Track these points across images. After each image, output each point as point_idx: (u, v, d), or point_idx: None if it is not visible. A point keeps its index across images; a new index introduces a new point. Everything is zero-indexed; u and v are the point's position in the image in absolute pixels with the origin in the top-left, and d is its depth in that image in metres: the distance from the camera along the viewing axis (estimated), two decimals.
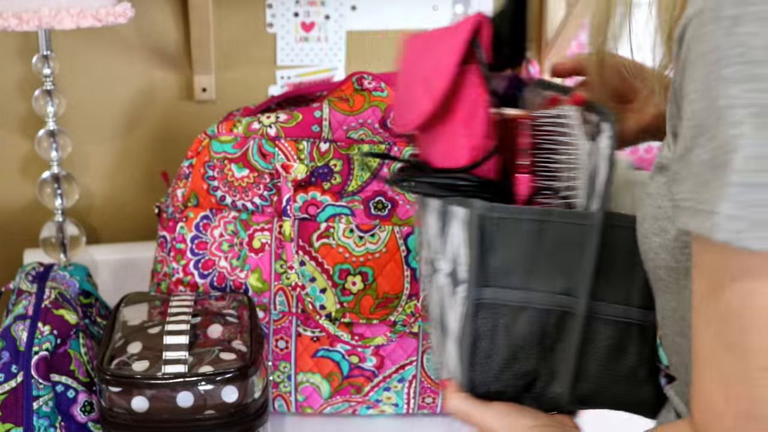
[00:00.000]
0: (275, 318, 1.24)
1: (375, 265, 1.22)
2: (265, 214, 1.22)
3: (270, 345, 1.24)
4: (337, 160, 1.21)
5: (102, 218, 1.55)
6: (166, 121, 1.53)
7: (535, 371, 0.83)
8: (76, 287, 1.22)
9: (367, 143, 1.21)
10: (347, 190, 1.22)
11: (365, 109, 1.21)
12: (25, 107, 1.45)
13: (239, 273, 1.23)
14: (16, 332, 1.08)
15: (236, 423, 1.07)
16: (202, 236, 1.22)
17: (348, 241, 1.22)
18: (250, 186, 1.21)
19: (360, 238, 1.22)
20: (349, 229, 1.22)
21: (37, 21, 1.20)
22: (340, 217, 1.22)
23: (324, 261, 1.22)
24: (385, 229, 1.22)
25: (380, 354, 1.24)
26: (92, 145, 1.51)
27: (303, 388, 1.25)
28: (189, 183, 1.22)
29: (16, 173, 1.50)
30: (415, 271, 1.23)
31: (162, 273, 1.25)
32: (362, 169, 1.21)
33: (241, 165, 1.21)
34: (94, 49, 1.47)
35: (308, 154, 1.21)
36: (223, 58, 1.52)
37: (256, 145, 1.20)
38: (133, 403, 1.04)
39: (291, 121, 1.21)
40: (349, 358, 1.24)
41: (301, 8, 1.53)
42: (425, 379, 1.26)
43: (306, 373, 1.25)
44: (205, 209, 1.22)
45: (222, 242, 1.23)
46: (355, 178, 1.22)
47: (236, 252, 1.23)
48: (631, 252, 0.77)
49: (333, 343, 1.23)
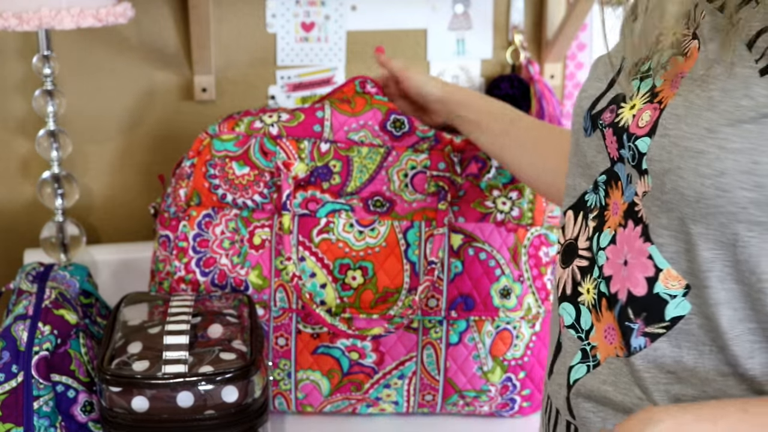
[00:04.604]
0: (275, 315, 1.24)
1: (375, 259, 1.23)
2: (265, 211, 1.23)
3: (270, 342, 1.25)
4: (337, 161, 1.22)
5: (102, 218, 1.55)
6: (166, 121, 1.53)
7: None
8: (76, 287, 1.22)
9: (366, 146, 1.23)
10: (346, 190, 1.23)
11: (366, 111, 1.22)
12: (25, 107, 1.45)
13: (240, 270, 1.23)
14: (16, 332, 1.09)
15: (236, 423, 1.07)
16: (204, 234, 1.23)
17: (348, 235, 1.23)
18: (250, 184, 1.22)
19: (360, 233, 1.23)
20: (349, 223, 1.23)
21: (37, 21, 1.20)
22: (340, 213, 1.23)
23: (324, 256, 1.23)
24: (384, 223, 1.23)
25: (380, 350, 1.25)
26: (92, 145, 1.51)
27: (303, 385, 1.26)
28: (191, 182, 1.23)
29: (16, 173, 1.50)
30: (415, 265, 1.24)
31: (164, 272, 1.25)
32: (361, 171, 1.22)
33: (242, 163, 1.22)
34: (94, 49, 1.47)
35: (309, 153, 1.22)
36: (223, 58, 1.52)
37: (257, 143, 1.22)
38: (134, 403, 1.04)
39: (293, 121, 1.22)
40: (349, 354, 1.24)
41: (301, 8, 1.53)
42: (425, 375, 1.26)
43: (306, 370, 1.25)
44: (207, 207, 1.23)
45: (223, 239, 1.23)
46: (353, 179, 1.23)
47: (237, 249, 1.24)
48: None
49: (333, 340, 1.24)
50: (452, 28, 1.59)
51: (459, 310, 1.25)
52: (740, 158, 0.72)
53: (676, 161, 0.75)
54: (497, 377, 1.27)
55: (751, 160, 0.71)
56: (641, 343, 0.81)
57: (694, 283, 0.77)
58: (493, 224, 1.25)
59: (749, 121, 0.72)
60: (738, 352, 0.76)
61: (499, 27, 1.60)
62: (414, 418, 1.30)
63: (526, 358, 1.27)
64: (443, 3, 1.57)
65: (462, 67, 1.61)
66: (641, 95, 0.81)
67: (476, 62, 1.61)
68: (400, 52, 1.58)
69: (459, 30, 1.59)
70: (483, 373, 1.26)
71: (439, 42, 1.59)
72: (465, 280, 1.25)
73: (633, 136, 0.79)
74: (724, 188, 0.73)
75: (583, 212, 0.88)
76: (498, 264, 1.25)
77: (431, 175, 1.24)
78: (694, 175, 0.74)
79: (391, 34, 1.57)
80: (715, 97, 0.74)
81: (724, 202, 0.73)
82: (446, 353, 1.26)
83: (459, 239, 1.25)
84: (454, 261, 1.24)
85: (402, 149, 1.23)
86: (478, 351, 1.26)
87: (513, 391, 1.27)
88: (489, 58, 1.61)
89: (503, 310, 1.25)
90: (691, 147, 0.74)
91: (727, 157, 0.72)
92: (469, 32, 1.60)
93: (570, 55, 1.64)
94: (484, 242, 1.25)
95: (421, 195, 1.24)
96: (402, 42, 1.58)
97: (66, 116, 1.40)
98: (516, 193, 1.25)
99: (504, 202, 1.25)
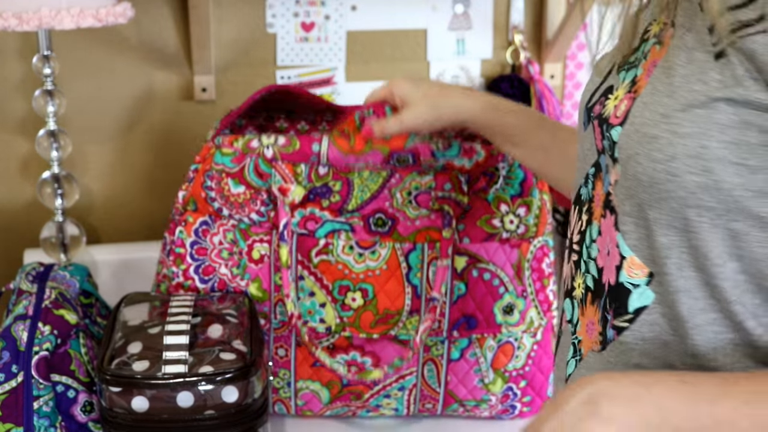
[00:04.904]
0: (275, 326, 1.22)
1: (375, 281, 1.19)
2: (263, 227, 1.20)
3: (270, 351, 1.23)
4: (336, 181, 1.18)
5: (102, 218, 1.55)
6: (166, 121, 1.53)
7: None
8: (76, 287, 1.22)
9: (369, 169, 1.18)
10: (346, 208, 1.19)
11: (366, 153, 1.17)
12: (25, 107, 1.45)
13: (240, 281, 1.21)
14: (16, 332, 1.08)
15: (236, 423, 1.07)
16: (202, 242, 1.21)
17: (348, 258, 1.19)
18: (246, 202, 1.19)
19: (360, 255, 1.19)
20: (348, 245, 1.18)
21: (37, 21, 1.19)
22: (339, 233, 1.18)
23: (323, 277, 1.19)
24: (385, 245, 1.19)
25: (381, 366, 1.21)
26: (92, 145, 1.51)
27: (303, 394, 1.24)
28: (190, 187, 1.21)
29: (16, 173, 1.50)
30: (417, 288, 1.19)
31: (161, 274, 1.24)
32: (362, 190, 1.18)
33: (237, 181, 1.18)
34: (94, 49, 1.47)
35: (306, 176, 1.18)
36: (223, 58, 1.52)
37: (252, 164, 1.18)
38: (134, 403, 1.04)
39: (288, 147, 1.17)
40: (348, 367, 1.21)
41: (301, 8, 1.53)
42: (425, 387, 1.24)
43: (306, 380, 1.23)
44: (204, 215, 1.21)
45: (221, 250, 1.21)
46: (354, 198, 1.18)
47: (236, 261, 1.21)
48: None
49: (333, 354, 1.21)
50: (452, 28, 1.59)
51: (461, 329, 1.22)
52: (689, 143, 0.72)
53: (635, 147, 0.76)
54: (498, 388, 1.24)
55: (700, 145, 0.72)
56: (611, 336, 0.82)
57: (656, 270, 0.78)
58: (497, 242, 1.21)
59: (700, 106, 0.72)
60: (700, 342, 0.76)
61: (499, 27, 1.60)
62: (414, 420, 1.30)
63: (528, 368, 1.24)
64: (443, 3, 1.57)
65: (462, 67, 1.61)
66: (625, 85, 0.82)
67: (476, 62, 1.61)
68: (399, 52, 1.58)
69: (459, 30, 1.59)
70: (484, 385, 1.24)
71: (439, 42, 1.59)
72: (468, 301, 1.21)
73: (610, 126, 0.81)
74: (675, 173, 0.73)
75: (578, 206, 0.89)
76: (502, 282, 1.21)
77: (436, 195, 1.19)
78: (648, 160, 0.75)
79: (391, 34, 1.57)
80: (674, 83, 0.75)
81: (675, 186, 0.74)
82: (447, 368, 1.23)
83: (463, 261, 1.20)
84: (458, 283, 1.20)
85: (406, 173, 1.18)
86: (480, 365, 1.23)
87: (513, 399, 1.26)
88: (489, 58, 1.61)
89: (506, 326, 1.22)
90: (647, 132, 0.75)
91: (678, 141, 0.73)
92: (469, 32, 1.60)
93: (570, 55, 1.64)
94: (489, 262, 1.21)
95: (426, 210, 1.19)
96: (402, 42, 1.58)
97: (66, 116, 1.40)
98: (524, 209, 1.20)
99: (512, 221, 1.20)
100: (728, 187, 0.71)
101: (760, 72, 0.69)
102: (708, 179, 0.72)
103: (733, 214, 0.72)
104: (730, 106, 0.71)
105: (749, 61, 0.70)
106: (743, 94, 0.70)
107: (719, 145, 0.71)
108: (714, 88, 0.72)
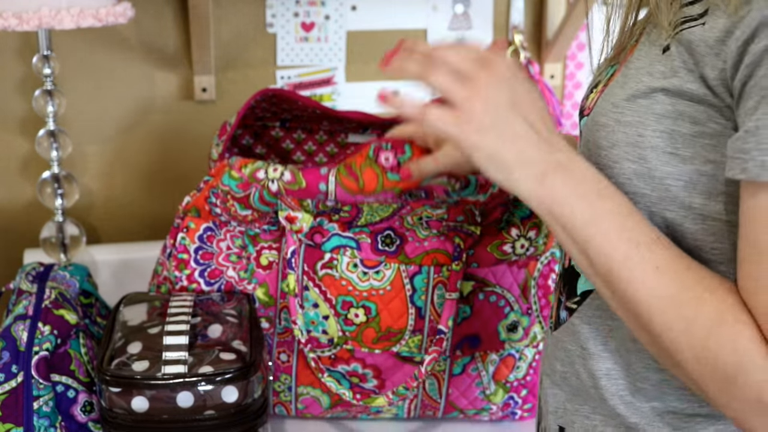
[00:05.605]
0: (279, 331, 1.21)
1: (379, 300, 1.16)
2: (273, 235, 1.18)
3: (273, 355, 1.22)
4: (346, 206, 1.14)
5: (102, 218, 1.55)
6: (166, 121, 1.53)
7: None
8: (76, 287, 1.22)
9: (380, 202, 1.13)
10: (357, 223, 1.16)
11: (377, 193, 1.08)
12: (25, 107, 1.45)
13: (247, 285, 1.20)
14: (16, 332, 1.08)
15: (236, 423, 1.07)
16: (207, 247, 1.19)
17: (351, 275, 1.16)
18: (255, 220, 1.17)
19: (364, 274, 1.16)
20: (353, 263, 1.15)
21: (37, 21, 1.20)
22: (345, 249, 1.15)
23: (327, 290, 1.17)
24: (390, 266, 1.15)
25: (381, 378, 1.20)
26: (92, 145, 1.51)
27: (303, 399, 1.23)
28: (197, 196, 1.18)
29: (16, 173, 1.50)
30: (420, 310, 1.16)
31: (162, 276, 1.24)
32: (371, 215, 1.14)
33: (243, 206, 1.15)
34: (94, 49, 1.47)
35: (314, 207, 1.13)
36: (223, 58, 1.52)
37: (257, 194, 1.13)
38: (133, 404, 1.04)
39: (294, 185, 1.10)
40: (350, 378, 1.20)
41: (301, 8, 1.53)
42: (425, 398, 1.23)
43: (306, 386, 1.22)
44: (208, 221, 1.19)
45: (230, 254, 1.19)
46: (364, 216, 1.15)
47: (244, 265, 1.20)
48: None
49: (334, 364, 1.20)
50: (452, 28, 1.59)
51: (464, 348, 1.20)
52: (629, 131, 0.75)
53: (589, 135, 0.80)
54: (499, 398, 1.23)
55: (637, 133, 0.74)
56: (564, 317, 0.86)
57: None
58: (505, 265, 1.18)
59: (642, 96, 0.75)
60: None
61: (499, 27, 1.60)
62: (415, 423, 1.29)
63: (529, 377, 1.23)
64: (443, 3, 1.57)
65: None
66: (605, 80, 0.84)
67: None
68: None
69: (459, 30, 1.59)
70: (485, 396, 1.23)
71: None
72: (473, 323, 1.19)
73: (581, 118, 0.85)
74: (614, 159, 0.76)
75: None
76: (507, 302, 1.19)
77: (447, 226, 1.15)
78: (595, 147, 0.78)
79: (391, 34, 1.57)
80: (628, 75, 0.78)
81: (614, 173, 0.76)
82: (449, 383, 1.22)
83: (470, 286, 1.17)
84: (463, 306, 1.18)
85: (418, 205, 1.13)
86: (482, 378, 1.22)
87: (514, 407, 1.25)
88: None
89: (509, 342, 1.20)
90: (599, 121, 0.78)
91: (620, 129, 0.76)
92: (469, 32, 1.60)
93: (570, 55, 1.64)
94: (496, 285, 1.18)
95: (436, 231, 1.15)
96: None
97: (66, 116, 1.40)
98: (534, 232, 1.17)
99: (523, 245, 1.16)
100: (660, 175, 0.74)
101: (696, 64, 0.71)
102: (642, 167, 0.74)
103: (665, 203, 0.74)
104: (667, 97, 0.73)
105: (687, 52, 0.71)
106: (677, 84, 0.72)
107: (654, 134, 0.73)
108: (656, 79, 0.74)
